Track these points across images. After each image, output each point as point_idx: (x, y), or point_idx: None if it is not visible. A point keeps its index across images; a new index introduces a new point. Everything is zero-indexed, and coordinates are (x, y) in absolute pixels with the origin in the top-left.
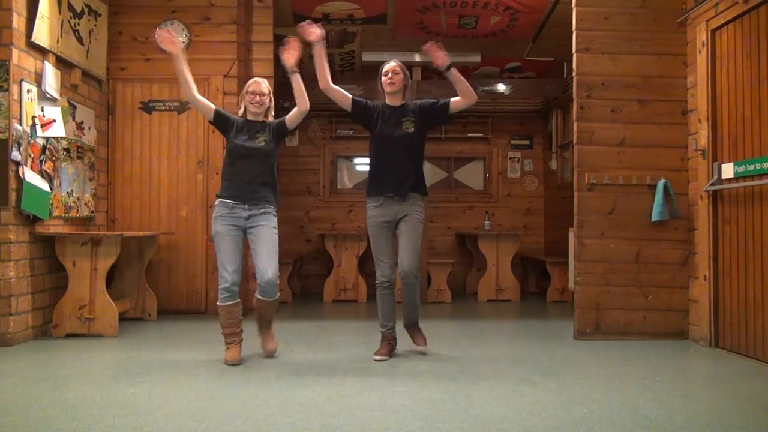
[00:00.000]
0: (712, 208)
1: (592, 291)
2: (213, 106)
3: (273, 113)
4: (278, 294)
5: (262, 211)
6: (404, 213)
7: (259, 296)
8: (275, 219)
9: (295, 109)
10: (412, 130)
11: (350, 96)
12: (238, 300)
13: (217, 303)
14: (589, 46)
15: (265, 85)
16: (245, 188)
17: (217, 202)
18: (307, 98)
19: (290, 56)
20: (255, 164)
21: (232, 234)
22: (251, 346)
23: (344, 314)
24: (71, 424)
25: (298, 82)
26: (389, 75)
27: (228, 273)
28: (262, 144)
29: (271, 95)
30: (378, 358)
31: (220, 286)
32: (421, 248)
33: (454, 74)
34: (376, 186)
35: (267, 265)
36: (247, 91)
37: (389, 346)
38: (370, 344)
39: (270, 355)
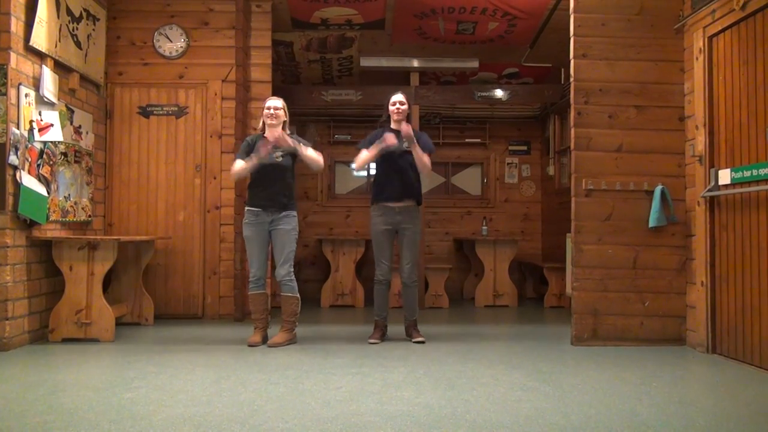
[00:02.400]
0: (709, 214)
1: (589, 296)
2: (240, 159)
3: (288, 128)
4: (296, 292)
5: (283, 214)
6: (404, 222)
7: (278, 292)
8: (295, 219)
9: (313, 163)
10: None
11: (365, 152)
12: (264, 291)
13: (248, 292)
14: (586, 52)
15: (281, 102)
16: (268, 198)
17: (246, 210)
18: (320, 163)
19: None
20: (275, 178)
21: (259, 237)
22: (248, 349)
23: (341, 319)
24: (67, 430)
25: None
26: (396, 105)
27: (255, 269)
28: (280, 159)
29: (286, 111)
30: (372, 341)
31: (250, 279)
32: (419, 253)
33: (416, 152)
34: (380, 196)
35: (280, 265)
36: (264, 108)
37: (381, 332)
38: (368, 349)
39: (270, 345)
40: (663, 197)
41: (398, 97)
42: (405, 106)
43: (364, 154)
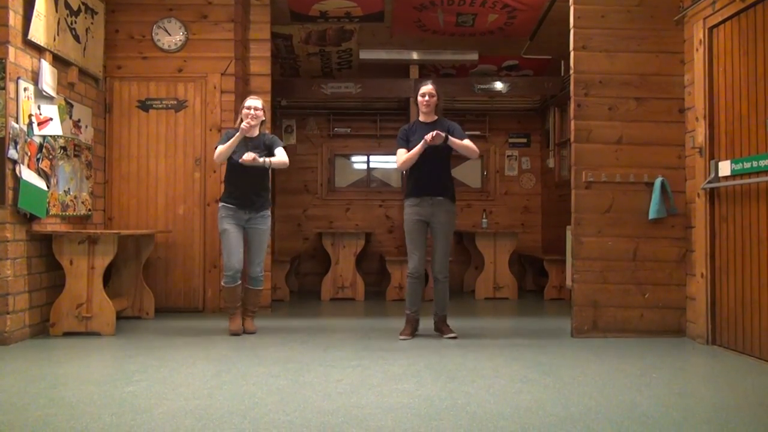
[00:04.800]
0: (709, 206)
1: (589, 288)
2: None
3: (266, 126)
4: (263, 285)
5: (260, 214)
6: (436, 215)
7: (247, 285)
8: (269, 218)
9: (282, 160)
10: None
11: (404, 152)
12: (239, 283)
13: (222, 285)
14: (586, 44)
15: (260, 102)
16: (245, 197)
17: (221, 205)
18: (286, 164)
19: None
20: (252, 176)
21: (237, 231)
22: (248, 342)
23: (342, 312)
24: (69, 423)
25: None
26: (426, 97)
27: (232, 262)
28: (263, 162)
29: (265, 110)
30: (402, 337)
31: (226, 273)
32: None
33: (454, 142)
34: (414, 188)
35: (256, 262)
36: (243, 107)
37: (412, 327)
38: (368, 342)
39: (249, 332)
40: (663, 189)
41: (427, 87)
42: (434, 98)
43: (405, 154)
